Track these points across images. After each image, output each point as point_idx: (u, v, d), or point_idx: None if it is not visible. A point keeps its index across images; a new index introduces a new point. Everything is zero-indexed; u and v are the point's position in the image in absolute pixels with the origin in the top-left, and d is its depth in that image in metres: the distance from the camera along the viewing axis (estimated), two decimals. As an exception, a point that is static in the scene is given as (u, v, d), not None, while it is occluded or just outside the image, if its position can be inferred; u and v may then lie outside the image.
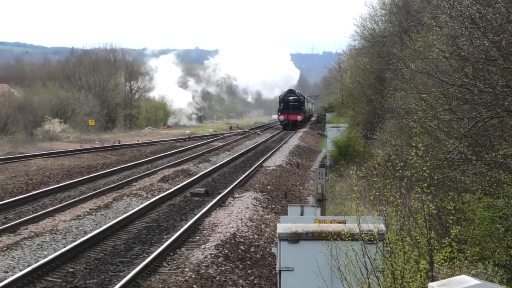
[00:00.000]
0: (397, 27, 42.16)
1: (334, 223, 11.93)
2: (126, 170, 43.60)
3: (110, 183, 36.61)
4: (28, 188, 34.71)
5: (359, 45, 62.52)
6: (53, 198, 31.78)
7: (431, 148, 17.76)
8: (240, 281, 18.47)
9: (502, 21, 15.56)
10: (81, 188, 35.20)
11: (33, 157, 50.69)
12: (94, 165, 46.69)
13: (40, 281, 17.88)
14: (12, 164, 46.04)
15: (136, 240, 23.15)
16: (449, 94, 18.17)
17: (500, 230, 12.76)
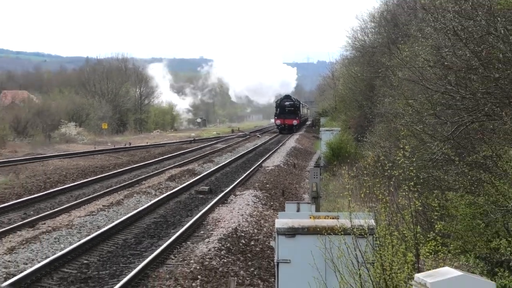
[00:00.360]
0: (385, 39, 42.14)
1: (328, 219, 11.92)
2: (136, 170, 43.60)
3: (122, 182, 36.61)
4: (46, 186, 34.71)
5: (350, 55, 62.51)
6: (69, 195, 31.79)
7: (417, 149, 17.75)
8: (241, 272, 18.46)
9: (482, 33, 15.56)
10: (94, 186, 35.21)
11: (50, 158, 50.71)
12: (106, 165, 46.69)
13: (57, 272, 17.88)
14: (31, 164, 46.05)
15: (145, 234, 23.15)
16: (434, 100, 18.16)
17: (480, 226, 12.75)
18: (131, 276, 16.79)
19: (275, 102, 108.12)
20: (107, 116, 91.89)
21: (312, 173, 26.20)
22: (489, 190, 12.77)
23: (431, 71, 18.61)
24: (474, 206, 12.96)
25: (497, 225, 12.44)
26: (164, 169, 43.46)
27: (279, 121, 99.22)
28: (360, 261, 9.99)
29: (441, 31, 17.88)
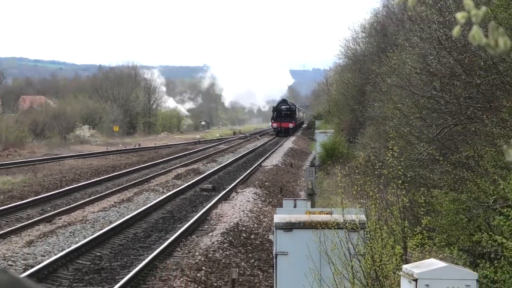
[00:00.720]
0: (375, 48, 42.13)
1: (322, 214, 11.93)
2: (145, 169, 43.61)
3: (132, 180, 36.62)
4: (62, 184, 34.73)
5: (343, 63, 62.49)
6: (83, 192, 31.81)
7: (405, 150, 17.75)
8: (242, 264, 18.47)
9: (465, 42, 15.56)
10: (107, 184, 35.23)
11: (66, 158, 50.71)
12: (118, 165, 46.72)
13: (72, 263, 17.89)
14: (48, 164, 46.06)
15: (153, 228, 23.16)
16: (420, 104, 18.17)
17: (463, 220, 12.76)
18: (140, 267, 16.80)
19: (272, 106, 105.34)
20: (118, 119, 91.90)
21: (308, 172, 26.22)
22: (471, 188, 12.78)
23: (417, 77, 18.62)
24: (457, 202, 12.97)
25: (479, 220, 12.44)
26: (171, 168, 43.47)
27: (275, 124, 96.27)
28: (352, 253, 9.99)
29: (426, 41, 17.89)
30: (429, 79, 17.54)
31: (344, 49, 57.82)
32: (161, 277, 16.46)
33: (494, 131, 13.07)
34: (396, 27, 33.91)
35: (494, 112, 13.65)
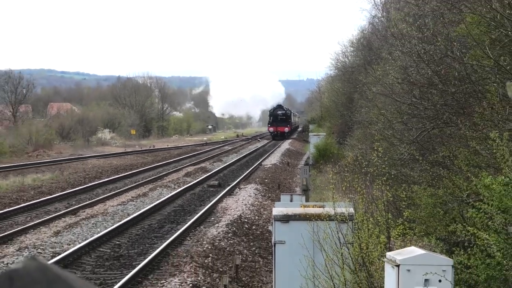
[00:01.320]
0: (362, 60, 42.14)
1: (315, 208, 11.92)
2: (159, 168, 43.66)
3: (147, 177, 36.66)
4: (85, 181, 34.77)
5: (334, 73, 62.51)
6: (104, 188, 31.84)
7: (388, 151, 17.75)
8: (245, 251, 18.47)
9: (441, 55, 15.57)
10: (125, 181, 35.26)
11: (89, 158, 50.77)
12: (135, 164, 46.76)
13: (94, 251, 17.90)
14: (73, 163, 46.11)
15: (166, 220, 23.17)
16: (401, 110, 18.16)
17: (440, 213, 12.75)
18: (155, 254, 16.81)
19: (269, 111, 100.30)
20: (135, 124, 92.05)
21: (303, 170, 26.24)
22: (447, 184, 12.77)
23: (399, 86, 18.62)
24: (435, 197, 12.95)
25: (454, 213, 12.43)
26: (181, 167, 43.51)
27: (272, 128, 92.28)
28: (342, 242, 9.99)
29: (407, 54, 17.90)
30: (409, 88, 17.54)
31: (335, 61, 57.94)
32: (173, 263, 16.47)
33: (467, 134, 13.06)
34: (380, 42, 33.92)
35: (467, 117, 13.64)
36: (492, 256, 9.26)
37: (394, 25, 20.68)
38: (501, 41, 12.46)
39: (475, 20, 13.14)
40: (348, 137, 37.15)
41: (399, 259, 7.63)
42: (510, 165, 9.82)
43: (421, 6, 17.82)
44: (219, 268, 16.35)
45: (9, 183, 32.70)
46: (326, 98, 66.69)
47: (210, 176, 37.31)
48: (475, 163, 11.91)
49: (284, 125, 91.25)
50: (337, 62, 57.05)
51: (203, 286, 14.65)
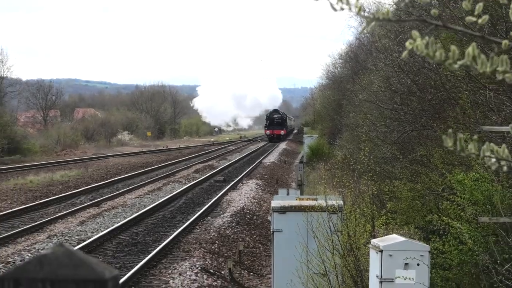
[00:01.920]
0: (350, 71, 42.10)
1: (309, 200, 11.92)
2: (171, 165, 43.65)
3: (161, 174, 36.66)
4: (107, 177, 34.78)
5: (325, 82, 62.56)
6: (123, 183, 31.85)
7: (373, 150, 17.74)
8: (247, 238, 18.48)
9: (419, 67, 15.57)
10: (141, 177, 35.26)
11: (110, 157, 50.79)
12: (150, 162, 46.75)
13: (115, 238, 17.91)
14: (97, 161, 46.13)
15: (178, 211, 23.18)
16: (384, 115, 18.16)
17: (418, 205, 12.74)
18: (168, 241, 16.83)
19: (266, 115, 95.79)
20: (150, 127, 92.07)
21: (298, 167, 26.25)
22: (424, 179, 12.77)
23: (382, 94, 18.62)
24: (413, 191, 12.95)
25: (430, 205, 12.42)
26: (191, 164, 43.50)
27: (268, 131, 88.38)
28: (332, 230, 9.98)
29: (389, 66, 17.90)
30: (391, 95, 17.54)
31: (326, 72, 58.02)
32: (184, 249, 16.48)
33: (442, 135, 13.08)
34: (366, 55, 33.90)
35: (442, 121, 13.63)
36: (464, 243, 9.26)
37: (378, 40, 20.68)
38: (472, 54, 12.45)
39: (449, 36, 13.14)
40: (338, 138, 37.15)
41: (382, 245, 7.63)
42: (479, 163, 9.82)
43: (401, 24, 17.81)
44: (224, 253, 16.36)
45: (40, 178, 32.73)
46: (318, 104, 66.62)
47: (216, 172, 37.30)
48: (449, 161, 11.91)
49: (280, 128, 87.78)
50: (328, 72, 57.15)
51: (211, 269, 14.66)
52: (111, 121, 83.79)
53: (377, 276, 7.60)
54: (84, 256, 1.13)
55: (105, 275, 1.09)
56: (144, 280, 13.71)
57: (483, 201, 9.33)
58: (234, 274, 14.43)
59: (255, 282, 14.46)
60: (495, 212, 8.75)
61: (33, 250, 15.94)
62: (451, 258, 9.40)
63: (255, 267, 15.71)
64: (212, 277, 14.13)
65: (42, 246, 16.48)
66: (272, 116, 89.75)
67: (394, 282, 7.49)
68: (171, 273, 14.09)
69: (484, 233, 9.18)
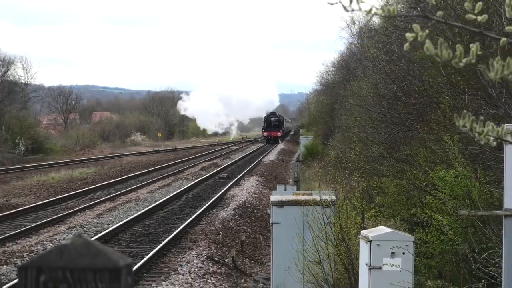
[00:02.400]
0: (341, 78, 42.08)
1: (305, 195, 11.90)
2: (180, 163, 43.64)
3: (170, 171, 36.65)
4: (121, 174, 34.78)
5: (319, 88, 62.60)
6: (136, 180, 31.84)
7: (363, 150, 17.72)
8: (248, 230, 18.47)
9: (404, 74, 15.55)
10: (153, 174, 35.26)
11: (124, 156, 50.78)
12: (161, 160, 46.74)
13: (129, 229, 17.92)
14: (112, 160, 46.13)
15: (185, 205, 23.16)
16: (373, 118, 18.14)
17: (403, 199, 12.73)
18: (176, 232, 16.82)
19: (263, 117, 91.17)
20: (161, 128, 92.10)
21: (295, 165, 26.22)
22: (409, 176, 12.75)
23: (371, 99, 18.60)
24: (399, 187, 12.94)
25: (414, 199, 12.41)
26: (198, 163, 43.49)
27: (266, 133, 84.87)
28: (326, 222, 9.97)
29: (377, 73, 17.90)
30: (379, 100, 17.53)
31: (320, 78, 58.05)
32: (191, 239, 16.47)
33: (425, 136, 13.04)
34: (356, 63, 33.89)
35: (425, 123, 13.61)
36: (445, 234, 9.25)
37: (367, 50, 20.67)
38: (452, 62, 12.45)
39: (432, 46, 13.13)
40: (331, 139, 37.12)
41: (371, 236, 7.62)
42: (459, 161, 9.81)
43: (388, 35, 17.82)
44: (228, 243, 16.35)
45: (61, 175, 32.73)
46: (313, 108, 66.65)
47: (220, 170, 37.29)
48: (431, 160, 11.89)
49: (277, 130, 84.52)
50: (322, 79, 57.17)
51: (215, 257, 14.65)
52: (125, 123, 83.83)
53: (366, 264, 7.60)
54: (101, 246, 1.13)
55: (120, 263, 1.08)
56: (155, 267, 13.70)
57: (462, 196, 9.32)
58: (237, 262, 14.43)
59: (256, 270, 14.46)
60: (473, 206, 8.75)
61: (54, 240, 15.94)
62: (433, 248, 9.40)
63: (256, 256, 15.70)
64: (216, 265, 14.13)
65: (63, 236, 16.48)
66: (270, 119, 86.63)
67: (381, 270, 7.48)
68: (179, 261, 14.09)
69: (463, 225, 9.18)
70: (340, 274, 9.51)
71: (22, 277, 1.09)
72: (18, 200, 23.63)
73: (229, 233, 17.56)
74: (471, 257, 8.21)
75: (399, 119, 15.98)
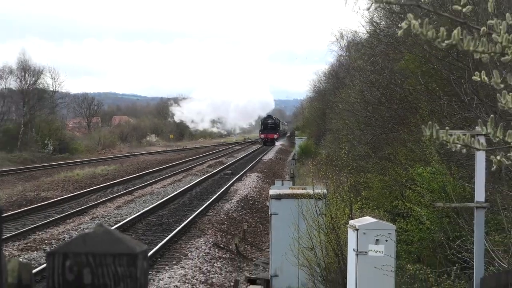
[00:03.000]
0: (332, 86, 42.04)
1: (300, 189, 11.90)
2: (189, 162, 43.61)
3: (181, 168, 36.63)
4: (138, 171, 34.76)
5: (312, 95, 62.52)
6: (151, 176, 31.83)
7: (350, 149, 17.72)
8: (250, 220, 18.46)
9: (387, 82, 15.55)
10: (166, 171, 35.24)
11: (140, 155, 50.77)
12: (173, 159, 46.72)
13: (145, 219, 17.91)
14: (130, 158, 46.10)
15: (194, 198, 23.15)
16: (359, 121, 18.14)
17: (386, 193, 12.72)
18: (186, 222, 16.82)
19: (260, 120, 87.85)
20: (173, 130, 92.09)
21: (291, 163, 26.20)
22: (391, 173, 12.75)
23: (358, 104, 18.60)
24: (383, 182, 12.93)
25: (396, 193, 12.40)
26: (205, 161, 43.47)
27: (263, 135, 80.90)
28: (318, 213, 9.97)
29: (363, 82, 17.89)
30: (365, 105, 17.52)
31: (312, 86, 58.01)
32: (199, 228, 16.47)
33: (405, 137, 13.03)
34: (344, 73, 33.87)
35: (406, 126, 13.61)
36: (423, 223, 9.25)
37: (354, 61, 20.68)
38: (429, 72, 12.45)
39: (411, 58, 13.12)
40: (322, 140, 37.10)
41: (358, 225, 7.62)
42: (435, 159, 9.81)
43: (373, 48, 17.81)
44: (231, 232, 16.35)
45: (85, 172, 32.72)
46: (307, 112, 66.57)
47: (225, 167, 37.27)
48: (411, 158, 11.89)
49: (273, 132, 79.88)
50: (314, 87, 57.13)
51: (221, 244, 14.65)
52: (141, 126, 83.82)
53: (354, 249, 7.59)
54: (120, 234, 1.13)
55: (136, 249, 1.09)
56: (168, 253, 13.70)
57: (438, 190, 9.32)
58: (240, 248, 14.42)
59: (256, 255, 14.45)
60: (448, 199, 8.74)
61: (79, 229, 15.94)
62: (412, 236, 9.39)
63: (256, 243, 15.70)
64: (222, 250, 14.12)
65: (86, 226, 16.49)
66: (266, 121, 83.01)
67: (367, 255, 7.48)
68: (189, 247, 14.09)
69: (439, 215, 9.18)
70: (331, 259, 9.51)
71: (50, 262, 1.10)
72: (47, 193, 23.64)
73: (233, 222, 17.56)
74: (446, 244, 8.21)
75: (382, 122, 15.98)
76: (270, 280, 11.50)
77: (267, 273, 11.95)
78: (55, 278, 1.05)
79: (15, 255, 12.87)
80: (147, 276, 1.14)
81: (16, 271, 1.09)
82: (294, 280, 11.02)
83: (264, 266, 12.97)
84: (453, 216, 8.87)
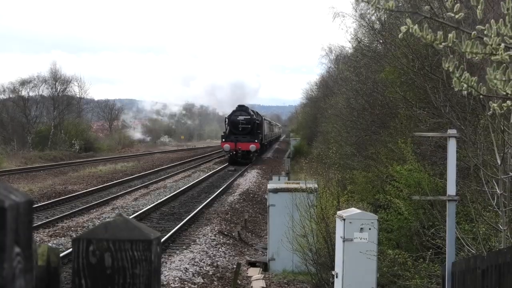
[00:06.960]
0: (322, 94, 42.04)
1: (294, 184, 11.89)
2: (198, 159, 43.57)
3: (190, 165, 36.59)
4: (153, 167, 34.73)
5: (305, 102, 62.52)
6: (165, 172, 31.80)
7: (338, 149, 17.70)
8: (250, 210, 18.44)
9: (370, 91, 15.54)
10: (177, 167, 35.20)
11: (155, 153, 50.75)
12: (183, 157, 46.68)
13: (159, 209, 17.88)
14: (146, 156, 46.08)
15: (202, 191, 23.13)
16: (346, 124, 18.13)
17: (370, 187, 12.72)
18: (195, 212, 16.80)
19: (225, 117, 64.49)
20: (183, 132, 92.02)
21: (286, 161, 26.17)
22: (374, 170, 12.74)
23: (345, 110, 18.59)
24: (366, 178, 12.93)
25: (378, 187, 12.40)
26: (212, 158, 43.44)
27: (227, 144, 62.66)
28: (310, 205, 9.96)
29: (349, 90, 17.88)
30: (351, 111, 17.51)
31: (305, 94, 58.00)
32: (206, 217, 16.46)
33: (386, 139, 13.03)
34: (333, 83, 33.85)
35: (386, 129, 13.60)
36: (401, 214, 9.24)
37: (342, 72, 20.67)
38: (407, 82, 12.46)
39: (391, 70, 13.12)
40: (314, 141, 37.08)
41: (345, 215, 7.61)
42: (412, 159, 9.80)
43: (358, 61, 17.81)
44: (234, 221, 16.34)
45: (107, 168, 32.71)
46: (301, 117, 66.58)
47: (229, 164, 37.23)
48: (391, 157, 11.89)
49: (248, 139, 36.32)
50: (307, 95, 57.13)
51: (225, 232, 14.64)
52: (156, 128, 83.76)
53: (341, 237, 7.59)
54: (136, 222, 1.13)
55: (151, 236, 1.08)
56: (179, 239, 13.68)
57: (414, 185, 9.32)
58: (242, 236, 14.41)
59: (256, 241, 14.44)
60: (423, 193, 8.74)
61: (101, 218, 15.94)
62: (392, 225, 9.38)
63: (256, 231, 15.69)
64: (226, 237, 14.11)
65: (107, 215, 16.47)
66: (235, 119, 37.54)
67: (353, 241, 7.47)
68: (197, 234, 14.07)
69: (415, 207, 9.17)
70: (321, 245, 9.50)
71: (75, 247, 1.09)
72: (74, 187, 23.63)
73: (236, 213, 17.55)
74: (422, 232, 8.20)
75: (366, 126, 15.97)
76: (268, 263, 11.50)
77: (265, 257, 11.95)
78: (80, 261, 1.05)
79: (45, 240, 12.86)
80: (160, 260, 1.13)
81: (45, 254, 1.09)
82: (288, 263, 11.02)
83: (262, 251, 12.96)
84: (427, 208, 8.86)
